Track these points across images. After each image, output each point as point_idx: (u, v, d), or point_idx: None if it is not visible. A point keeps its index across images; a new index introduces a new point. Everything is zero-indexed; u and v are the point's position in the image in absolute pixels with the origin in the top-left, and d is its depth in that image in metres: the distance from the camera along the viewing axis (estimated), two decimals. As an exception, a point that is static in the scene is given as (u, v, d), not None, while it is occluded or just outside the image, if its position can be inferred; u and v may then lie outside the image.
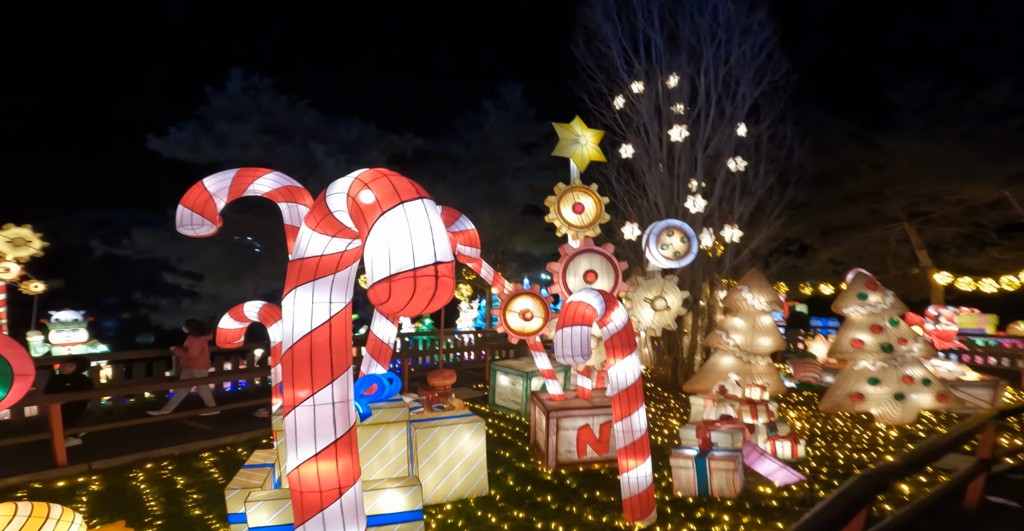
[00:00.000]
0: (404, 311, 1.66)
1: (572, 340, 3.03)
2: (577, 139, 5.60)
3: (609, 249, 5.30)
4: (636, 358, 3.52)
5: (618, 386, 3.50)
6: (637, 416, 3.50)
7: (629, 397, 3.49)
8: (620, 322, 3.44)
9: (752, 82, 9.54)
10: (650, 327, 5.30)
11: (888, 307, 6.98)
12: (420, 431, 4.10)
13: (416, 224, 1.68)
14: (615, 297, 3.42)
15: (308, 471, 1.89)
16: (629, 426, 3.50)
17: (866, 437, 5.99)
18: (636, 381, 3.50)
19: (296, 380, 1.88)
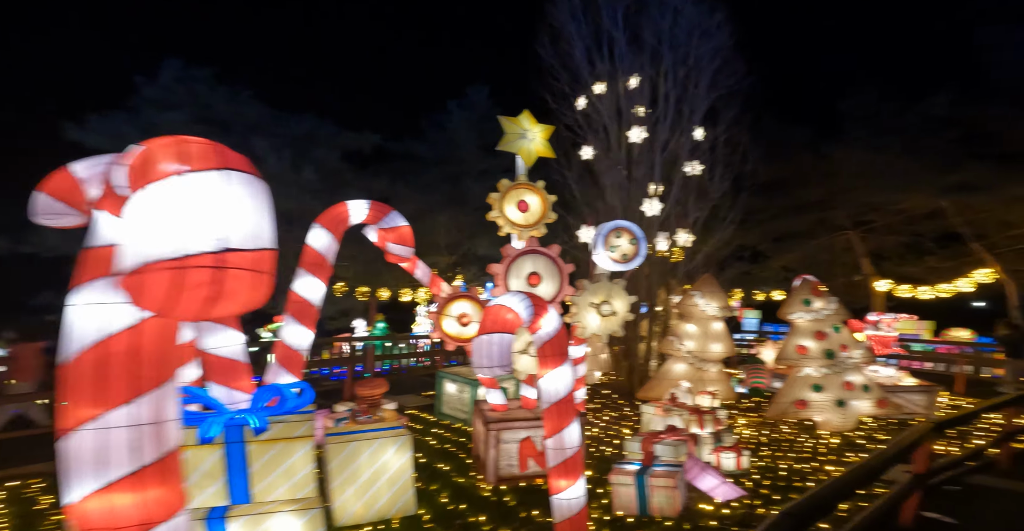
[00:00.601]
0: (178, 312, 1.28)
1: (490, 349, 2.70)
2: (524, 134, 5.31)
3: (555, 250, 5.02)
4: (569, 368, 3.23)
5: (548, 399, 3.20)
6: (569, 432, 3.21)
7: (560, 411, 3.20)
8: (551, 329, 3.15)
9: (709, 84, 9.56)
10: (596, 333, 5.06)
11: (832, 313, 7.03)
12: (335, 446, 3.69)
13: (195, 199, 1.30)
14: (544, 301, 3.12)
15: (96, 505, 1.48)
16: (560, 443, 3.20)
17: (809, 445, 5.96)
18: (569, 393, 3.21)
19: (80, 397, 1.46)
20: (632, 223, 5.41)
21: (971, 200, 12.76)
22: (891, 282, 15.48)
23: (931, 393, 7.20)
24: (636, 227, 5.41)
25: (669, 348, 8.45)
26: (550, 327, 3.15)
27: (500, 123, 5.31)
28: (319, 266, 3.85)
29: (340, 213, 4.02)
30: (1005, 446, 4.40)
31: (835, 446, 5.92)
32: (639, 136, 9.21)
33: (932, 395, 7.20)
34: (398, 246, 4.29)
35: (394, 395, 9.35)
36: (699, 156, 9.58)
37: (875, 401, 6.66)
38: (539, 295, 5.01)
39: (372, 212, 4.22)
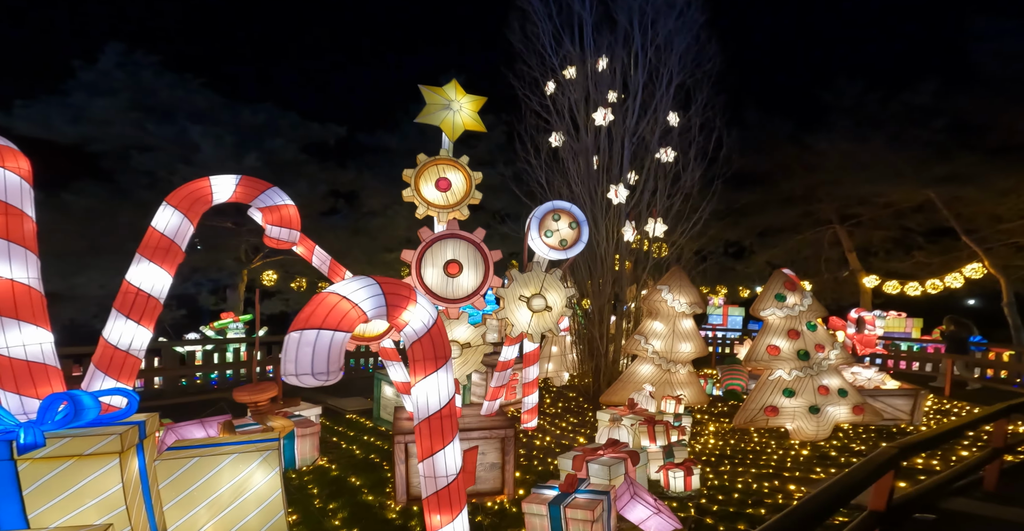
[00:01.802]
0: None
1: (302, 351, 1.99)
2: (448, 104, 4.61)
3: (479, 235, 4.33)
4: (448, 375, 2.55)
5: (420, 413, 2.52)
6: (445, 455, 2.53)
7: (434, 429, 2.52)
8: (421, 325, 2.46)
9: (679, 66, 8.89)
10: (527, 332, 4.38)
11: (806, 309, 6.38)
12: (166, 464, 2.99)
13: None
14: (409, 288, 2.44)
15: None
16: (433, 469, 2.52)
17: (775, 458, 5.30)
18: (446, 407, 2.53)
19: None
20: (572, 204, 4.72)
21: (960, 192, 12.19)
22: (878, 278, 14.90)
23: (916, 398, 6.57)
24: (576, 209, 4.73)
25: (634, 348, 7.78)
26: (420, 323, 2.46)
27: (422, 92, 4.61)
28: (164, 252, 3.14)
29: (197, 190, 3.31)
30: (992, 463, 3.77)
31: (804, 458, 5.27)
32: (604, 119, 8.53)
33: (917, 400, 6.57)
34: (278, 228, 3.58)
35: (339, 397, 8.69)
36: (671, 142, 8.92)
37: (852, 407, 6.02)
38: (459, 286, 4.36)
39: (242, 188, 3.51)
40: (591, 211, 8.74)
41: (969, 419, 3.20)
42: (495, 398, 4.64)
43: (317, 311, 2.04)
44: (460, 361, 4.24)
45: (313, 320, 2.01)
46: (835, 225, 15.49)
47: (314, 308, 2.05)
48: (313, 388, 8.81)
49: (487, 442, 4.23)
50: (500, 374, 4.66)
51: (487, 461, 4.27)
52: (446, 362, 2.50)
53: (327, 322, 2.03)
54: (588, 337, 8.98)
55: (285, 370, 2.05)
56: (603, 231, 8.72)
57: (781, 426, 6.12)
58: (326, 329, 2.02)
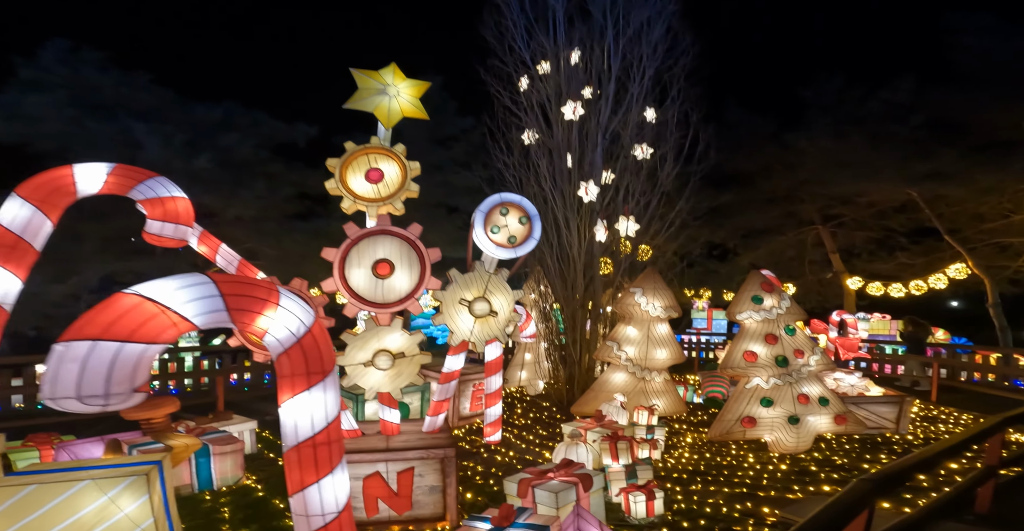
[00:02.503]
0: None
1: (67, 368, 1.46)
2: (384, 89, 4.13)
3: (415, 231, 3.85)
4: (326, 395, 2.06)
5: (287, 439, 2.02)
6: (321, 491, 2.03)
7: (304, 458, 2.02)
8: (289, 333, 1.97)
9: (654, 56, 8.53)
10: (469, 340, 3.89)
11: (784, 312, 5.97)
12: (3, 490, 2.46)
13: None
14: (271, 288, 1.94)
15: None
16: (303, 506, 2.01)
17: (752, 474, 4.85)
18: (322, 433, 2.03)
19: None
20: (522, 197, 4.27)
21: (942, 190, 11.98)
22: (861, 279, 14.65)
23: (901, 405, 6.18)
24: (527, 203, 4.27)
25: (606, 355, 7.32)
26: (285, 331, 1.97)
27: (354, 77, 4.14)
28: (9, 250, 2.62)
29: (54, 179, 2.80)
30: (985, 483, 3.34)
31: (782, 474, 4.82)
32: (574, 113, 8.12)
33: (903, 407, 6.18)
34: (160, 223, 3.06)
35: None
36: (647, 138, 8.54)
37: (834, 417, 5.61)
38: (391, 288, 3.86)
39: (115, 178, 2.99)
40: (563, 211, 8.32)
41: (960, 438, 2.78)
42: (437, 413, 4.14)
43: (99, 317, 1.54)
44: (393, 373, 3.74)
45: (90, 329, 1.50)
46: (818, 226, 15.25)
47: (97, 313, 1.55)
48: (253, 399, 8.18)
49: (425, 463, 3.73)
50: (443, 387, 4.17)
51: (425, 483, 3.77)
52: (323, 378, 2.02)
53: (112, 331, 1.53)
54: (560, 345, 8.52)
55: (42, 392, 1.55)
56: (575, 231, 8.29)
57: (759, 438, 5.69)
58: (108, 340, 1.52)
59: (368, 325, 3.70)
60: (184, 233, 3.20)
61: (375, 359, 3.64)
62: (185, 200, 3.21)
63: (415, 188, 3.94)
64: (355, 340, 3.66)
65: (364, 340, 3.67)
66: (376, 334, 3.69)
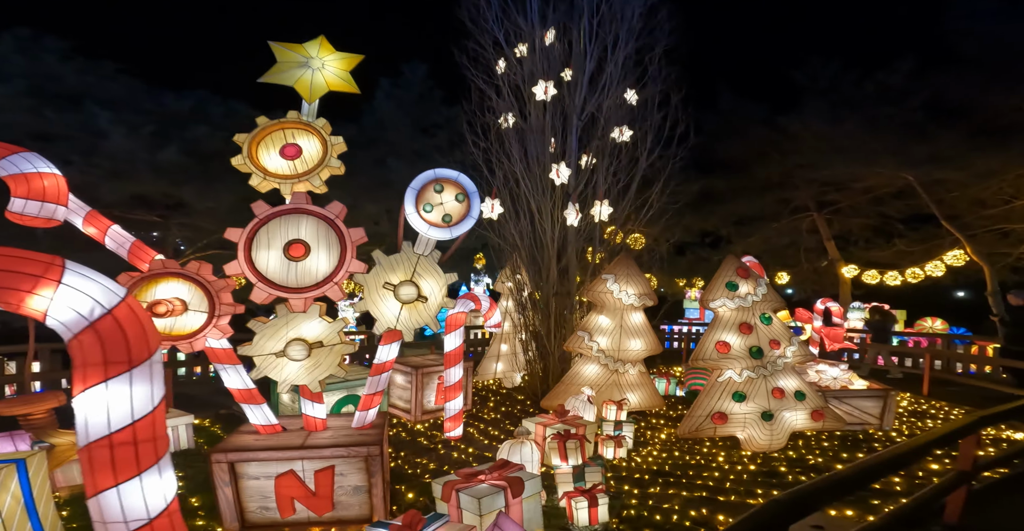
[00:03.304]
0: None
1: None
2: (307, 62, 3.74)
3: (336, 210, 3.48)
4: (130, 388, 1.71)
5: (81, 437, 1.68)
6: (121, 496, 1.69)
7: (97, 460, 1.68)
8: (76, 316, 1.61)
9: (631, 34, 8.06)
10: (395, 328, 3.54)
11: (760, 299, 5.58)
12: None
13: None
14: (47, 264, 1.58)
15: None
16: (99, 513, 1.68)
17: (716, 476, 4.50)
18: (124, 431, 1.68)
19: None
20: (460, 173, 3.88)
21: (940, 175, 11.48)
22: (857, 267, 14.19)
23: (886, 399, 5.81)
24: (465, 179, 3.88)
25: (577, 346, 6.96)
26: (71, 313, 1.61)
27: (272, 50, 3.74)
28: None
29: None
30: (956, 491, 2.98)
31: (749, 476, 4.48)
32: (546, 93, 7.69)
33: (887, 401, 5.81)
34: (23, 201, 2.70)
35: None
36: (625, 120, 8.10)
37: (810, 412, 5.24)
38: (306, 271, 3.49)
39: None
40: (535, 194, 7.92)
41: (920, 441, 2.42)
42: (368, 408, 3.81)
43: None
44: (310, 364, 3.39)
45: None
46: (813, 213, 14.77)
47: None
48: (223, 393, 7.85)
49: (347, 461, 3.41)
50: (374, 379, 3.82)
51: (349, 483, 3.46)
52: (128, 369, 1.66)
53: None
54: (535, 334, 8.17)
55: None
56: (548, 216, 7.90)
57: (731, 435, 5.34)
58: None
59: (281, 311, 3.35)
60: (53, 212, 2.83)
61: (287, 349, 3.30)
62: (55, 177, 2.85)
63: (337, 165, 3.55)
64: (264, 328, 3.31)
65: (275, 328, 3.32)
66: (289, 321, 3.35)
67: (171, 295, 3.10)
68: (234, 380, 3.46)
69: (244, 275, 3.25)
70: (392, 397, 7.21)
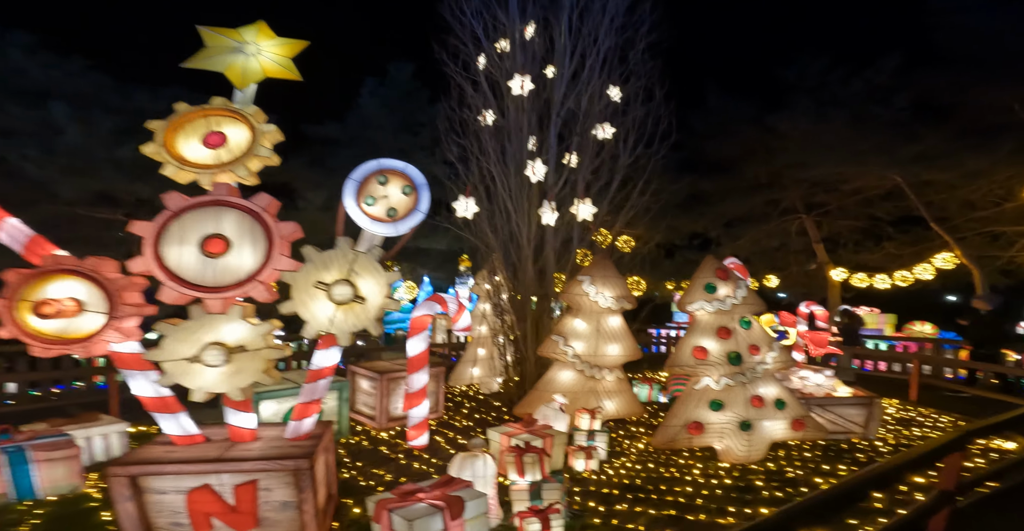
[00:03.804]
0: None
1: None
2: (240, 48, 3.41)
3: (264, 202, 3.14)
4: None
5: None
6: None
7: None
8: None
9: (612, 27, 7.79)
10: (329, 331, 3.20)
11: (740, 302, 5.29)
12: None
13: None
14: None
15: None
16: None
17: (689, 491, 4.19)
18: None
19: None
20: (407, 164, 3.57)
21: (928, 175, 11.29)
22: (846, 270, 13.98)
23: (870, 407, 5.52)
24: (413, 170, 3.57)
25: (551, 350, 6.64)
26: None
27: (201, 35, 3.42)
28: None
29: None
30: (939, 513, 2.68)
31: (723, 491, 4.16)
32: (522, 88, 7.40)
33: (872, 409, 5.52)
34: None
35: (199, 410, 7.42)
36: (604, 116, 7.83)
37: (791, 422, 4.95)
38: (227, 269, 3.14)
39: None
40: (510, 192, 7.61)
41: (900, 460, 2.13)
42: (303, 417, 3.46)
43: None
44: (230, 370, 3.05)
45: None
46: (802, 215, 14.56)
47: None
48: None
49: (272, 475, 3.08)
50: (310, 387, 3.48)
51: (275, 499, 3.13)
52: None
53: None
54: (513, 339, 7.85)
55: None
56: (525, 215, 7.60)
57: (708, 446, 5.03)
58: None
59: (195, 313, 3.01)
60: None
61: (202, 354, 2.95)
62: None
63: (267, 154, 3.22)
64: (175, 331, 2.96)
65: (188, 331, 2.98)
66: (205, 324, 3.00)
67: (64, 294, 2.75)
68: (142, 387, 3.12)
69: (151, 273, 2.91)
70: (357, 403, 6.87)
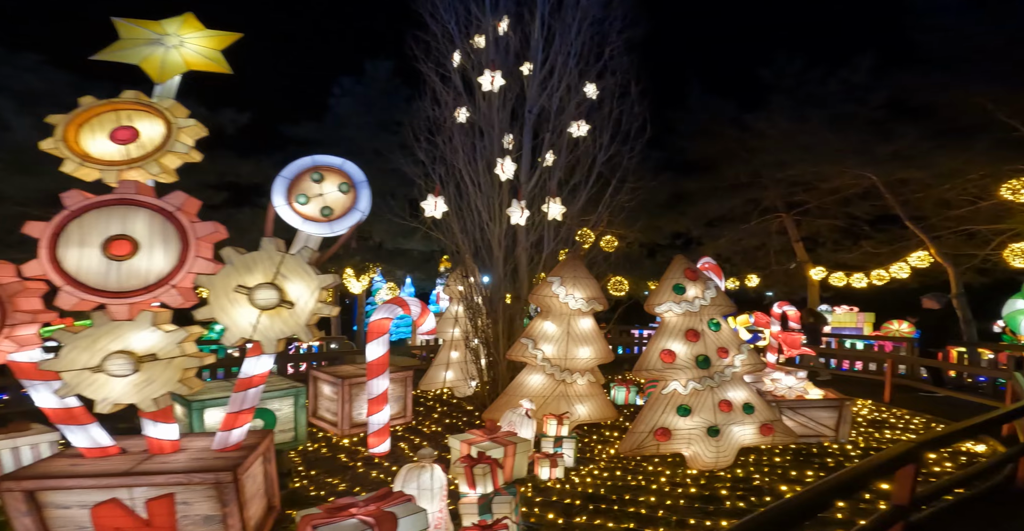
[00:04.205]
0: None
1: None
2: (159, 40, 3.16)
3: (179, 201, 2.88)
4: None
5: None
6: None
7: None
8: None
9: (584, 23, 7.62)
10: (252, 338, 2.95)
11: (709, 303, 5.12)
12: None
13: None
14: None
15: None
16: None
17: (652, 501, 4.00)
18: None
19: None
20: (345, 160, 3.33)
21: (904, 174, 11.29)
22: (824, 269, 13.98)
23: (840, 409, 5.39)
24: (352, 167, 3.33)
25: (520, 354, 6.43)
26: None
27: (116, 27, 3.16)
28: None
29: None
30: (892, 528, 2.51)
31: (686, 501, 3.98)
32: (492, 83, 7.18)
33: (842, 412, 5.40)
34: None
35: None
36: (577, 113, 7.65)
37: (759, 427, 4.79)
38: (134, 272, 2.86)
39: None
40: (478, 190, 7.40)
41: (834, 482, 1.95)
42: (231, 427, 3.21)
43: None
44: (140, 380, 2.78)
45: None
46: (782, 214, 14.55)
47: None
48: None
49: (190, 489, 2.84)
50: (238, 396, 3.23)
51: (196, 513, 2.89)
52: None
53: None
54: (484, 340, 7.63)
55: None
56: (496, 214, 7.38)
57: (677, 452, 4.85)
58: None
59: (98, 319, 2.74)
60: None
61: (105, 363, 2.69)
62: None
63: (184, 150, 2.96)
64: (75, 339, 2.70)
65: (91, 339, 2.72)
66: (111, 331, 2.74)
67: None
68: (45, 398, 2.84)
69: (48, 277, 2.64)
70: (320, 409, 6.62)
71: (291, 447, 5.49)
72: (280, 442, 5.41)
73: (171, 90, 3.20)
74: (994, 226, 11.24)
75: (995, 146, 10.00)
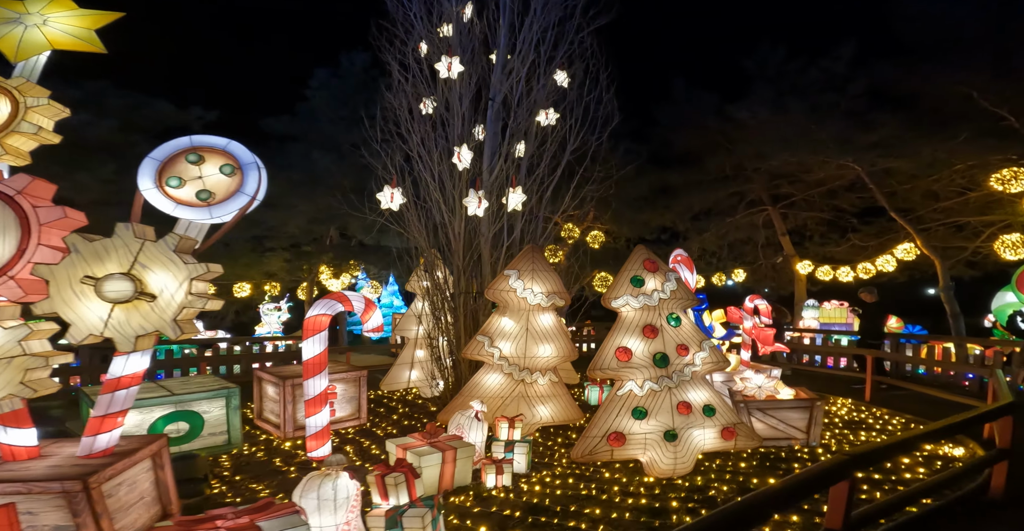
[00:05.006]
0: None
1: None
2: (19, 18, 2.78)
3: (21, 184, 2.48)
4: None
5: None
6: None
7: None
8: None
9: (549, 7, 7.23)
10: (103, 334, 2.56)
11: (668, 297, 4.75)
12: None
13: None
14: None
15: None
16: None
17: (597, 513, 3.63)
18: None
19: None
20: (230, 141, 2.92)
21: (886, 164, 10.96)
22: (811, 263, 13.65)
23: (811, 410, 5.03)
24: (239, 147, 2.93)
25: (476, 352, 6.04)
26: None
27: None
28: None
29: None
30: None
31: (632, 515, 3.61)
32: (449, 69, 6.80)
33: (813, 413, 5.04)
34: None
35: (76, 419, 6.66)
36: (542, 100, 7.28)
37: (720, 430, 4.42)
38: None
39: None
40: (440, 184, 7.01)
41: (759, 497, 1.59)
42: (97, 432, 2.83)
43: None
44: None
45: None
46: (768, 207, 14.20)
47: None
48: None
49: (35, 498, 2.48)
50: (104, 398, 2.84)
51: (43, 523, 2.55)
52: None
53: None
54: (447, 338, 7.25)
55: None
56: (456, 205, 7.00)
57: (633, 458, 4.48)
58: None
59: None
60: None
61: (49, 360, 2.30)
62: None
63: (31, 130, 2.56)
64: None
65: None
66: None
67: None
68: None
69: None
70: (264, 411, 6.24)
71: (224, 451, 5.12)
72: (211, 446, 5.04)
73: (33, 71, 2.83)
74: (984, 217, 10.93)
75: (980, 135, 9.69)
